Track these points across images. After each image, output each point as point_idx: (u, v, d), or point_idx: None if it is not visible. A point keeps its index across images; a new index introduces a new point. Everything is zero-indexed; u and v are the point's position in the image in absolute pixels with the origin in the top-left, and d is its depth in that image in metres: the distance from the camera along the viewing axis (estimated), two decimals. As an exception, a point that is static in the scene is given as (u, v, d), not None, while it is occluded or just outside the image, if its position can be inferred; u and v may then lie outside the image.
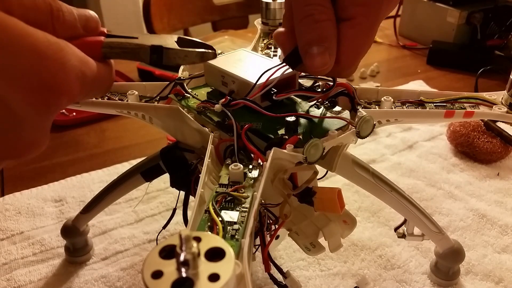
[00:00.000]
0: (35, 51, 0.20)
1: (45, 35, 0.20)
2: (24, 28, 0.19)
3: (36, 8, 0.21)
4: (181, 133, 0.36)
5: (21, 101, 0.20)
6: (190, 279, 0.17)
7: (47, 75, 0.20)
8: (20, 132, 0.21)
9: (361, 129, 0.32)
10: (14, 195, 0.56)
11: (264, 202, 0.31)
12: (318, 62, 0.29)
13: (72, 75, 0.21)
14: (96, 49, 0.24)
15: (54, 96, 0.21)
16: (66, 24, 0.23)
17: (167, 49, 0.26)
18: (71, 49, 0.22)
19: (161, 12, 1.26)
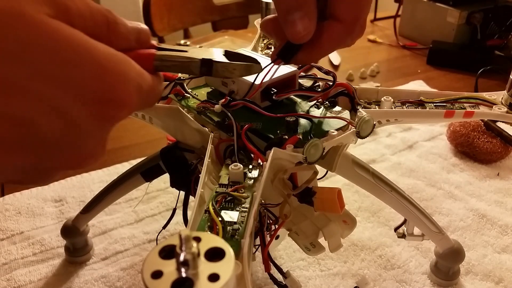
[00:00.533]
0: (98, 64, 0.20)
1: (106, 48, 0.21)
2: (87, 42, 0.20)
3: (94, 20, 0.21)
4: (181, 133, 0.36)
5: (84, 113, 0.20)
6: (190, 279, 0.17)
7: (109, 87, 0.20)
8: (81, 144, 0.22)
9: (361, 129, 0.32)
10: (14, 195, 0.56)
11: (264, 202, 0.31)
12: (299, 28, 0.28)
13: (131, 87, 0.22)
14: (148, 61, 0.25)
15: (115, 108, 0.21)
16: (120, 36, 0.23)
17: (217, 63, 0.27)
18: (129, 62, 0.22)
19: (161, 12, 1.26)
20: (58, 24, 0.19)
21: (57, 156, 0.21)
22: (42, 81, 0.19)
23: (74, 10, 0.20)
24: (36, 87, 0.19)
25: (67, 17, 0.20)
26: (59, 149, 0.21)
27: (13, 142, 0.20)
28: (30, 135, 0.20)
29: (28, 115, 0.19)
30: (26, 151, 0.20)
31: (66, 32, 0.19)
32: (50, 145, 0.21)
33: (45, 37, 0.19)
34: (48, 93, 0.19)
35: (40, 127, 0.20)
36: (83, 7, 0.21)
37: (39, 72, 0.19)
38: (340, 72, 0.89)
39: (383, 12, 1.19)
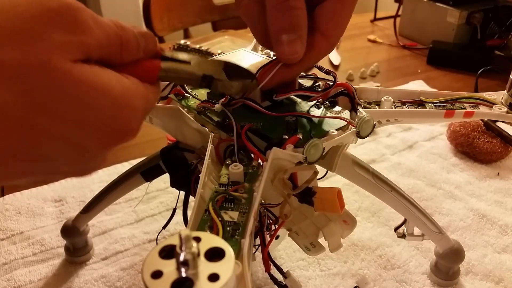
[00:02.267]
0: (114, 104, 0.22)
1: (120, 83, 0.22)
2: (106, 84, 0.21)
3: (110, 45, 0.23)
4: (181, 133, 0.36)
5: (96, 145, 0.22)
6: (190, 279, 0.17)
7: (122, 122, 0.22)
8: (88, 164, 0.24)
9: (361, 129, 0.32)
10: (14, 195, 0.56)
11: (264, 202, 0.31)
12: (290, 50, 0.29)
13: (140, 116, 0.24)
14: (153, 73, 0.26)
15: (124, 138, 0.23)
16: (131, 52, 0.24)
17: (217, 80, 0.28)
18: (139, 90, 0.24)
19: (161, 12, 1.26)
20: (80, 71, 0.20)
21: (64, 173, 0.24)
22: (65, 125, 0.20)
23: (93, 45, 0.21)
24: (60, 130, 0.20)
25: (87, 53, 0.21)
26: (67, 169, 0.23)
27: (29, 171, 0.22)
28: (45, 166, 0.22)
29: (48, 153, 0.21)
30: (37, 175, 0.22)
31: (87, 78, 0.21)
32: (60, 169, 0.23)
33: (69, 87, 0.20)
34: (70, 134, 0.21)
35: (56, 160, 0.22)
36: (101, 37, 0.22)
37: (63, 118, 0.20)
38: (340, 72, 0.89)
39: (383, 12, 1.19)
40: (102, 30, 0.22)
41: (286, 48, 0.29)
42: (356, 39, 1.07)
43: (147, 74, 0.25)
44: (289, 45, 0.29)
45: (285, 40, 0.29)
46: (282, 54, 0.29)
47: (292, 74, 0.33)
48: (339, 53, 0.97)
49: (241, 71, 0.30)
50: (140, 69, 0.25)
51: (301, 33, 0.29)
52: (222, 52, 0.39)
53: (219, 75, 0.28)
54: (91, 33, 0.21)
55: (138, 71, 0.24)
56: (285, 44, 0.29)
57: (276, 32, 0.29)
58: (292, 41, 0.29)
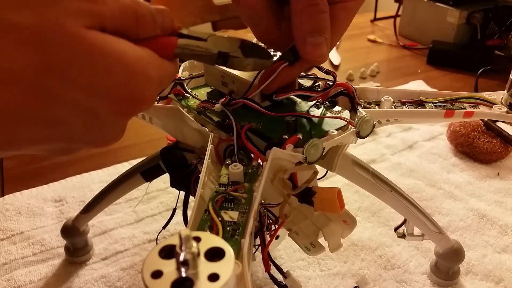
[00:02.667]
0: (128, 70, 0.22)
1: (133, 51, 0.23)
2: (119, 50, 0.22)
3: (124, 17, 0.23)
4: (181, 133, 0.36)
5: (109, 111, 0.22)
6: (190, 279, 0.17)
7: (135, 89, 0.23)
8: (104, 133, 0.24)
9: (361, 129, 0.32)
10: (14, 195, 0.56)
11: (264, 202, 0.31)
12: (320, 52, 0.29)
13: (154, 86, 0.24)
14: (170, 49, 0.26)
15: (138, 106, 0.23)
16: (147, 28, 0.24)
17: (233, 57, 0.28)
18: (154, 60, 0.24)
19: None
20: (94, 37, 0.21)
21: (83, 141, 0.24)
22: (78, 90, 0.21)
23: (107, 14, 0.22)
24: (73, 95, 0.21)
25: (101, 22, 0.22)
26: (85, 137, 0.23)
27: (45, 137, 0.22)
28: (61, 131, 0.22)
29: (62, 117, 0.21)
30: (56, 141, 0.23)
31: (101, 43, 0.21)
32: (77, 136, 0.23)
33: (82, 51, 0.20)
34: (82, 99, 0.21)
35: (71, 125, 0.22)
36: (115, 8, 0.22)
37: (76, 82, 0.21)
38: (340, 72, 0.89)
39: (383, 12, 1.19)
40: (115, 2, 0.22)
41: (315, 50, 0.29)
42: (356, 39, 1.07)
43: (164, 50, 0.25)
44: (318, 47, 0.29)
45: (314, 43, 0.29)
46: (311, 55, 0.30)
47: (293, 75, 0.33)
48: (339, 53, 0.97)
49: (257, 49, 0.30)
50: (157, 45, 0.25)
51: (327, 35, 0.29)
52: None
53: (235, 52, 0.28)
54: (104, 2, 0.22)
55: (155, 46, 0.25)
56: (314, 46, 0.29)
57: (304, 34, 0.29)
58: (321, 44, 0.29)
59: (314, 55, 0.30)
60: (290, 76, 0.32)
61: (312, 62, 0.31)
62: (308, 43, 0.29)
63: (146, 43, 0.24)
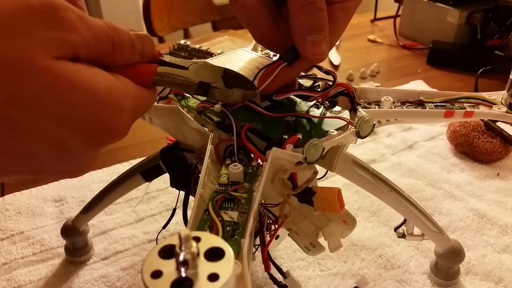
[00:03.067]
0: (97, 102, 0.21)
1: (106, 81, 0.22)
2: (88, 81, 0.21)
3: (99, 44, 0.22)
4: (181, 133, 0.36)
5: (79, 143, 0.22)
6: (190, 279, 0.17)
7: (105, 121, 0.22)
8: (72, 162, 0.23)
9: (361, 129, 0.32)
10: (14, 195, 0.56)
11: (264, 202, 0.31)
12: (319, 50, 0.29)
13: (127, 117, 0.23)
14: (148, 77, 0.26)
15: (109, 137, 0.23)
16: (125, 55, 0.24)
17: (214, 88, 0.28)
18: (128, 90, 0.24)
19: (161, 12, 1.26)
20: (62, 67, 0.20)
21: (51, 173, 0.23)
22: (46, 122, 0.20)
23: (78, 42, 0.21)
24: (40, 127, 0.20)
25: (73, 51, 0.21)
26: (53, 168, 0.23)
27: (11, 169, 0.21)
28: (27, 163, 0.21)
29: (29, 149, 0.21)
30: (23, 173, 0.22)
31: (69, 74, 0.20)
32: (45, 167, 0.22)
33: (49, 82, 0.20)
34: (50, 131, 0.21)
35: (38, 156, 0.21)
36: (88, 36, 0.22)
37: (43, 114, 0.20)
38: (340, 72, 0.89)
39: (383, 12, 1.19)
40: (89, 29, 0.22)
41: (314, 48, 0.29)
42: (356, 39, 1.07)
43: (142, 78, 0.25)
44: (317, 45, 0.29)
45: (313, 41, 0.29)
46: (310, 53, 0.29)
47: (293, 75, 0.33)
48: (339, 53, 0.97)
49: (240, 80, 0.29)
50: (134, 72, 0.24)
51: (326, 33, 0.29)
52: (222, 52, 0.39)
53: (217, 83, 0.28)
54: (75, 31, 0.21)
55: (132, 74, 0.24)
56: (313, 44, 0.29)
57: (303, 32, 0.29)
58: (320, 42, 0.29)
59: (313, 53, 0.29)
60: (290, 76, 0.32)
61: (312, 61, 0.31)
62: (307, 41, 0.29)
63: (123, 70, 0.24)
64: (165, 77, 0.26)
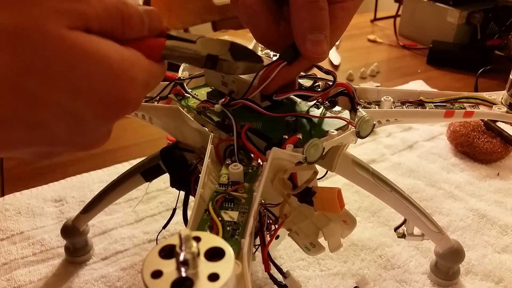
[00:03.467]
0: (111, 72, 0.22)
1: (118, 52, 0.22)
2: (102, 50, 0.21)
3: (110, 17, 0.22)
4: (181, 133, 0.36)
5: (95, 113, 0.22)
6: (190, 279, 0.17)
7: (119, 91, 0.22)
8: (88, 136, 0.24)
9: (361, 129, 0.32)
10: (14, 195, 0.56)
11: (264, 202, 0.31)
12: (319, 49, 0.29)
13: (140, 88, 0.23)
14: (157, 51, 0.26)
15: (123, 108, 0.23)
16: (134, 28, 0.24)
17: (222, 60, 0.28)
18: (140, 62, 0.24)
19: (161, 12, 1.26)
20: (76, 37, 0.20)
21: (67, 145, 0.23)
22: (60, 92, 0.20)
23: (91, 15, 0.21)
24: (54, 96, 0.20)
25: (85, 23, 0.21)
26: (68, 140, 0.23)
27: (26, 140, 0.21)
28: (43, 134, 0.22)
29: (44, 120, 0.21)
30: (39, 145, 0.22)
31: (83, 44, 0.20)
32: (61, 139, 0.22)
33: (64, 52, 0.20)
34: (65, 101, 0.21)
35: (53, 128, 0.21)
36: (99, 8, 0.22)
37: (58, 84, 0.20)
38: (340, 72, 0.89)
39: (383, 12, 1.19)
40: (100, 2, 0.22)
41: (315, 47, 0.29)
42: (356, 39, 1.07)
43: (151, 51, 0.25)
44: (318, 44, 0.29)
45: (314, 40, 0.29)
46: (311, 52, 0.29)
47: (293, 75, 0.33)
48: (339, 53, 0.97)
49: (247, 53, 0.29)
50: (144, 46, 0.24)
51: (327, 32, 0.29)
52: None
53: (225, 55, 0.28)
54: (88, 2, 0.21)
55: (142, 47, 0.24)
56: (314, 43, 0.29)
57: (303, 31, 0.29)
58: (321, 41, 0.29)
59: (314, 52, 0.29)
60: (290, 75, 0.32)
61: (312, 60, 0.31)
62: (308, 40, 0.29)
63: (133, 44, 0.24)
64: (173, 51, 0.26)
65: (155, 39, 0.26)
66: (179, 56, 0.27)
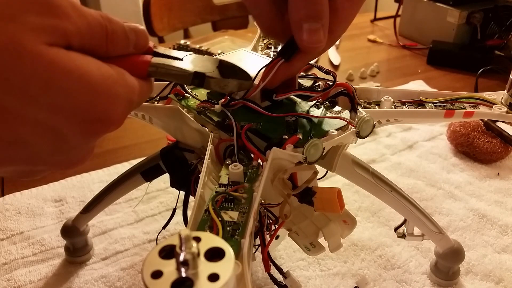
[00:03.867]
0: (91, 90, 0.21)
1: (99, 69, 0.22)
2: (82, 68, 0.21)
3: (92, 34, 0.22)
4: (181, 133, 0.36)
5: (75, 131, 0.22)
6: (190, 279, 0.17)
7: (100, 109, 0.22)
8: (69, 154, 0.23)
9: (361, 129, 0.32)
10: (14, 195, 0.56)
11: (264, 202, 0.31)
12: (314, 38, 0.29)
13: (122, 106, 0.23)
14: (143, 68, 0.26)
15: (105, 126, 0.23)
16: (118, 45, 0.24)
17: (210, 78, 0.27)
18: (123, 79, 0.23)
19: (161, 12, 1.26)
20: (54, 53, 0.20)
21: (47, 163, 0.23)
22: (38, 109, 0.20)
23: (72, 31, 0.21)
24: (32, 113, 0.20)
25: (65, 39, 0.21)
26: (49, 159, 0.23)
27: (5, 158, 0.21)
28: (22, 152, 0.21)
29: (22, 137, 0.20)
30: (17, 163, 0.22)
31: (61, 61, 0.20)
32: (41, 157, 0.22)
33: (41, 68, 0.20)
34: (43, 118, 0.20)
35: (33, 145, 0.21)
36: (81, 24, 0.21)
37: (36, 101, 0.20)
38: (340, 72, 0.89)
39: (383, 12, 1.19)
40: (82, 18, 0.21)
41: (310, 36, 0.29)
42: (356, 39, 1.07)
43: (137, 69, 0.25)
44: (314, 34, 0.28)
45: (309, 29, 0.28)
46: (306, 42, 0.29)
47: (292, 71, 0.32)
48: (339, 53, 0.97)
49: (236, 70, 0.29)
50: (129, 63, 0.24)
51: (324, 22, 0.29)
52: (222, 52, 0.39)
53: (212, 73, 0.27)
54: (68, 18, 0.21)
55: (127, 65, 0.24)
56: (309, 32, 0.28)
57: (299, 20, 0.28)
58: (317, 30, 0.28)
59: (309, 41, 0.29)
60: (289, 71, 0.32)
61: (308, 50, 0.30)
62: (304, 29, 0.28)
63: (117, 61, 0.24)
64: (160, 68, 0.26)
65: (141, 56, 0.26)
66: (165, 73, 0.27)
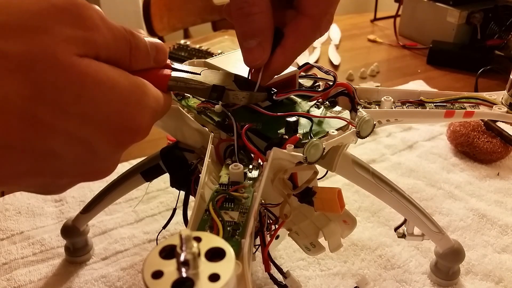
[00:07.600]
0: (121, 99, 0.22)
1: (128, 80, 0.22)
2: (112, 78, 0.21)
3: (118, 47, 0.23)
4: (181, 133, 0.36)
5: (103, 141, 0.22)
6: (190, 279, 0.17)
7: (129, 118, 0.22)
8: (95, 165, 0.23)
9: (361, 129, 0.32)
10: (14, 195, 0.56)
11: (264, 202, 0.31)
12: (250, 56, 0.29)
13: (149, 116, 0.24)
14: (164, 82, 0.26)
15: (133, 136, 0.23)
16: (140, 60, 0.24)
17: (229, 90, 0.29)
18: (149, 90, 0.24)
19: (161, 12, 1.26)
20: (86, 64, 0.20)
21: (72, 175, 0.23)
22: (70, 119, 0.20)
23: (100, 43, 0.21)
24: (64, 124, 0.20)
25: (95, 51, 0.21)
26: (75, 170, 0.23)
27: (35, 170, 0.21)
28: (51, 164, 0.21)
29: (52, 149, 0.20)
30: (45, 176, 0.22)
31: (93, 71, 0.21)
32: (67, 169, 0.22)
33: (73, 79, 0.20)
34: (74, 129, 0.21)
35: (62, 156, 0.21)
36: (109, 37, 0.22)
37: (67, 111, 0.20)
38: (340, 72, 0.89)
39: (383, 12, 1.19)
40: (109, 31, 0.22)
41: (246, 55, 0.29)
42: (356, 39, 1.07)
43: (158, 82, 0.25)
44: (249, 52, 0.29)
45: (246, 47, 0.29)
46: (245, 60, 0.29)
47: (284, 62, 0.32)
48: (339, 53, 0.97)
49: (250, 83, 0.30)
50: (150, 77, 0.25)
51: (261, 39, 0.28)
52: (222, 52, 0.39)
53: (231, 86, 0.29)
54: (97, 31, 0.21)
55: (148, 78, 0.25)
56: (246, 50, 0.29)
57: (239, 39, 0.29)
58: (252, 48, 0.29)
59: (246, 59, 0.29)
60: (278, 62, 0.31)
61: (249, 67, 0.30)
62: (242, 47, 0.29)
63: (139, 75, 0.24)
64: (179, 82, 0.27)
65: (161, 70, 0.26)
66: (185, 87, 0.28)
